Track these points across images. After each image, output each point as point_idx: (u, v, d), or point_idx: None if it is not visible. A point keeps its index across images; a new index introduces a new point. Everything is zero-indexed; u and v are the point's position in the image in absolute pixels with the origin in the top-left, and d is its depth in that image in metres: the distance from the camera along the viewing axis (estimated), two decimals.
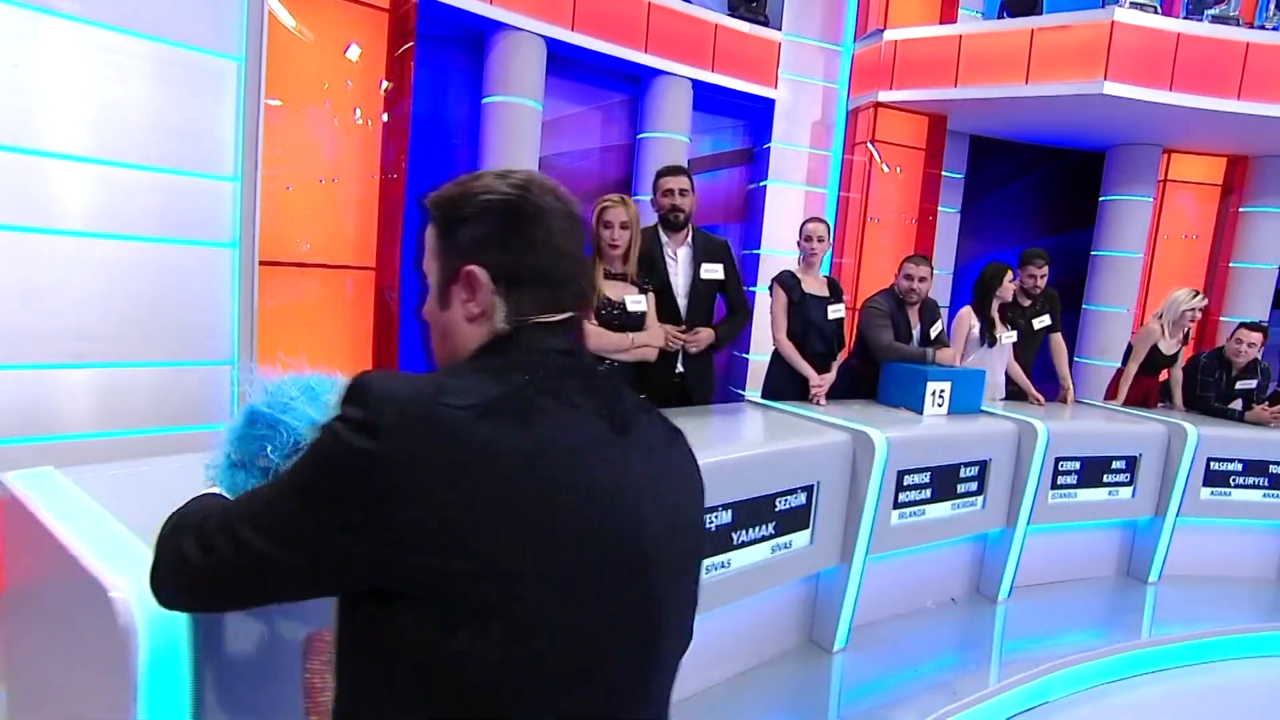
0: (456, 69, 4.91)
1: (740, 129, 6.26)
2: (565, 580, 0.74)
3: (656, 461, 0.87)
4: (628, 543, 0.78)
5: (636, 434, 0.84)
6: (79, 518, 1.23)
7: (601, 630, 0.77)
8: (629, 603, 0.79)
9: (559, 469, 0.75)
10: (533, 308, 0.83)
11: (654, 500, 0.82)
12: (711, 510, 2.12)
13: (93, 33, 3.18)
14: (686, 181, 2.88)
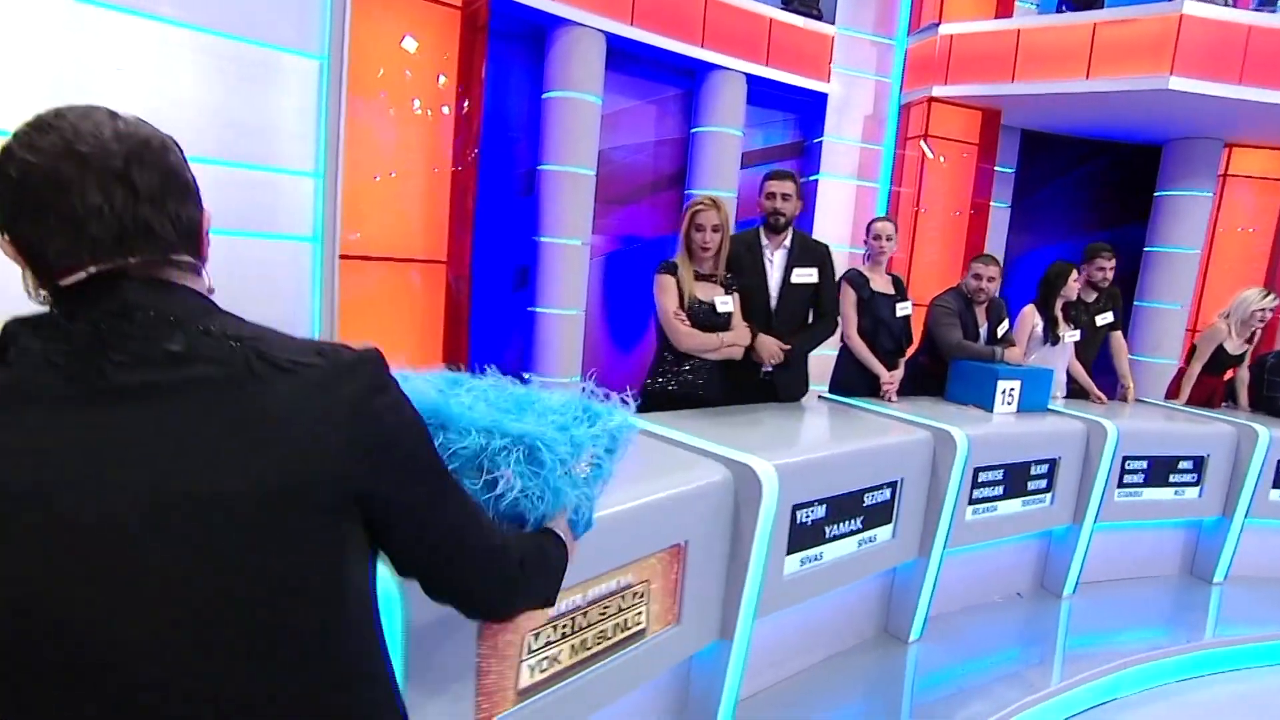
0: (519, 64, 4.99)
1: (792, 123, 6.27)
2: None
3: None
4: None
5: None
6: None
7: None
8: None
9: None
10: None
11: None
12: (807, 505, 2.18)
13: (188, 35, 3.31)
14: (791, 186, 2.92)
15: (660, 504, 1.72)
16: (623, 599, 1.66)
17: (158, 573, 0.66)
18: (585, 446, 1.16)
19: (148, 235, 0.73)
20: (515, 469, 1.02)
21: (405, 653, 1.18)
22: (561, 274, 5.02)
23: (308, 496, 0.72)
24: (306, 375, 0.73)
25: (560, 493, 1.07)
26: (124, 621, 0.65)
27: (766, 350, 2.87)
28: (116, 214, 0.71)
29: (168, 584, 0.66)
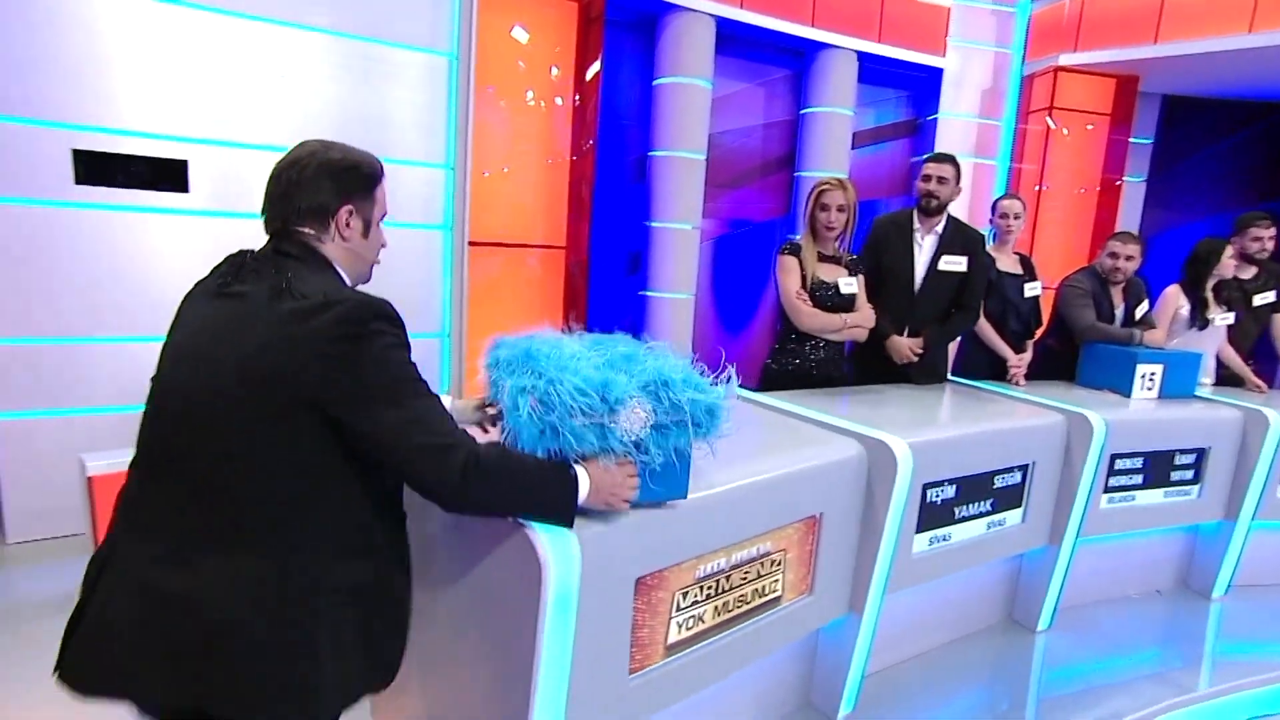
0: (630, 51, 5.08)
1: (904, 100, 6.08)
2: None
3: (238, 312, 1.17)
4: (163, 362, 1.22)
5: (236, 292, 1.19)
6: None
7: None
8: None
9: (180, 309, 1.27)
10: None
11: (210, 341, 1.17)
12: (937, 485, 2.18)
13: (336, 42, 3.59)
14: (950, 170, 2.87)
15: (798, 475, 1.79)
16: (761, 565, 1.74)
17: (206, 384, 1.14)
18: (626, 403, 1.26)
19: (280, 214, 1.25)
20: (526, 409, 1.25)
21: (577, 604, 1.30)
22: (672, 258, 5.10)
23: (270, 382, 1.11)
24: (303, 305, 1.13)
25: (580, 437, 1.25)
26: (194, 402, 1.15)
27: (898, 352, 2.87)
28: (270, 200, 1.26)
29: (206, 390, 1.14)
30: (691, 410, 1.31)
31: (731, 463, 1.71)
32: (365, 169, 1.29)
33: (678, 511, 1.47)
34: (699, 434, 1.35)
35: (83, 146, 3.16)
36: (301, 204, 1.23)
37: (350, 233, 1.27)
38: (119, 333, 3.31)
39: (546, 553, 1.22)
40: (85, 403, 3.28)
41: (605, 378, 1.26)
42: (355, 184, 1.27)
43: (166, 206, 3.35)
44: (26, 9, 2.96)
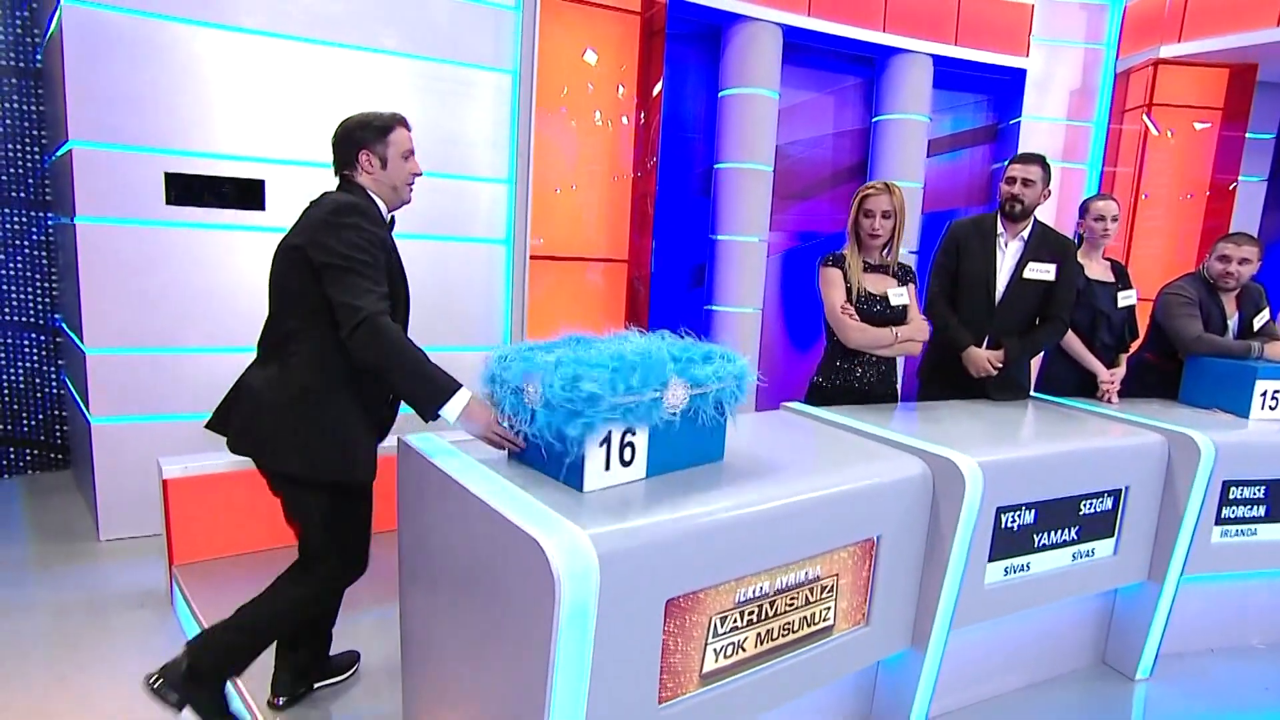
0: (695, 64, 5.04)
1: (984, 104, 5.79)
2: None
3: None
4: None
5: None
6: (490, 484, 1.43)
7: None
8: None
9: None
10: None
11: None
12: (1014, 509, 1.98)
13: (403, 62, 3.70)
14: (1036, 171, 2.67)
15: (853, 494, 1.65)
16: (810, 591, 1.60)
17: (277, 255, 1.82)
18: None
19: (334, 165, 1.93)
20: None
21: (595, 624, 1.21)
22: (738, 272, 4.99)
23: (294, 247, 1.74)
24: (321, 202, 1.81)
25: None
26: (272, 269, 1.85)
27: (976, 364, 2.68)
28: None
29: (274, 259, 1.82)
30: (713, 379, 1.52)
31: (778, 477, 1.60)
32: (375, 121, 1.90)
33: (714, 528, 1.37)
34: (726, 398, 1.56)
35: (174, 170, 3.34)
36: (339, 156, 1.91)
37: (372, 168, 1.88)
38: (205, 343, 3.47)
39: (560, 566, 1.14)
40: (175, 409, 3.44)
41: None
42: (368, 133, 1.88)
43: (246, 224, 3.51)
44: (120, 45, 3.17)
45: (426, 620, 1.63)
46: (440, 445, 1.66)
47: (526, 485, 1.44)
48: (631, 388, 1.38)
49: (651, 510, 1.35)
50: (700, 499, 1.43)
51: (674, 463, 1.56)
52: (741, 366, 1.58)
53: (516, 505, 1.32)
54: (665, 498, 1.42)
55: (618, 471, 1.47)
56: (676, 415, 1.47)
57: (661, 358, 1.44)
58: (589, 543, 1.18)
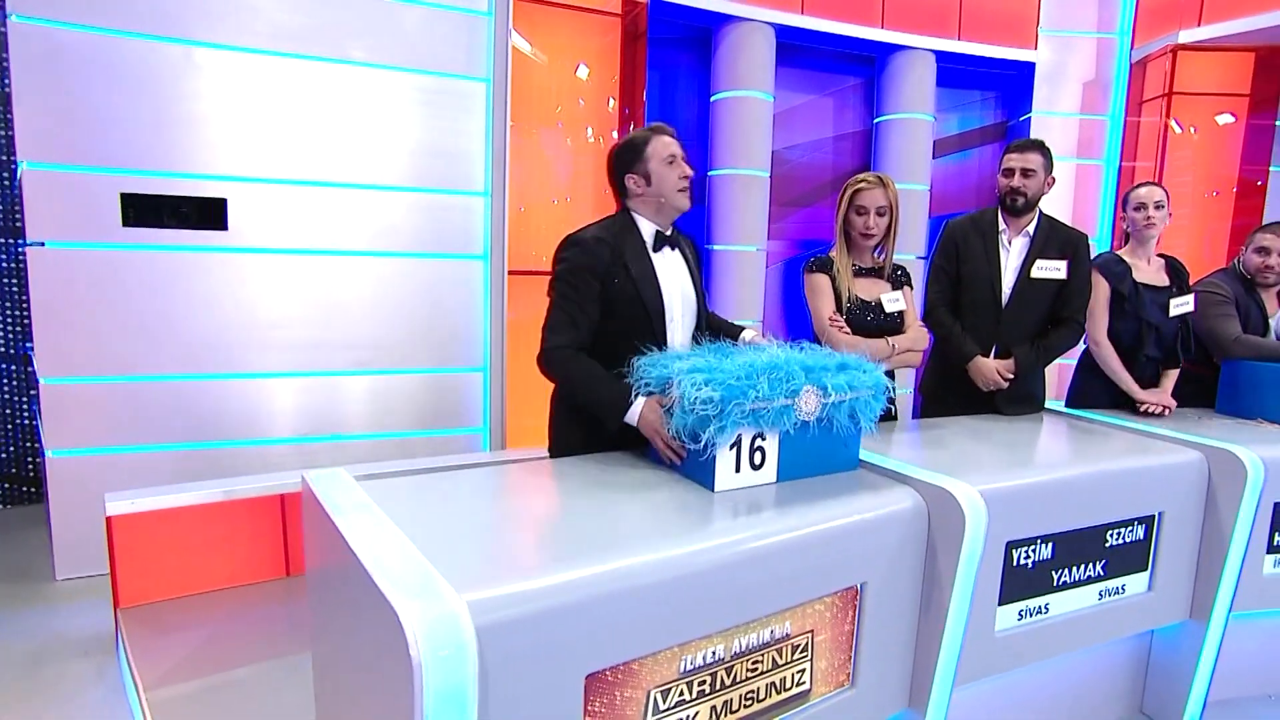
0: (684, 69, 4.84)
1: (992, 101, 5.52)
2: None
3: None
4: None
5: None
6: (372, 531, 1.20)
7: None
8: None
9: None
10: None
11: None
12: (1027, 543, 1.71)
13: (375, 74, 3.53)
14: (1036, 159, 2.41)
15: (830, 535, 1.39)
16: (779, 653, 1.34)
17: None
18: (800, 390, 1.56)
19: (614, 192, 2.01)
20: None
21: (481, 710, 0.96)
22: (736, 283, 4.76)
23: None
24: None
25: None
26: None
27: (984, 376, 2.41)
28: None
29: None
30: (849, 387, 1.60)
31: (734, 517, 1.35)
32: (630, 143, 1.93)
33: (645, 588, 1.12)
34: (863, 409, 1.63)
35: (130, 190, 3.20)
36: (613, 188, 1.99)
37: (640, 188, 1.91)
38: (166, 371, 3.30)
39: (421, 644, 0.89)
40: (135, 440, 3.28)
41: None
42: (626, 156, 1.92)
43: (208, 245, 3.35)
44: (71, 61, 3.03)
45: (327, 679, 1.39)
46: (340, 481, 1.43)
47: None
48: (761, 394, 1.47)
49: (561, 565, 1.10)
50: (628, 548, 1.19)
51: (807, 468, 1.63)
52: (877, 378, 1.64)
53: (390, 558, 1.08)
54: (587, 551, 1.18)
55: (748, 474, 1.54)
56: (811, 422, 1.56)
57: (793, 367, 1.53)
58: (464, 612, 0.94)
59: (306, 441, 3.61)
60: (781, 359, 1.57)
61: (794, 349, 1.69)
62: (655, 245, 1.92)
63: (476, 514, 1.37)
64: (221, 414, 3.47)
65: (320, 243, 3.54)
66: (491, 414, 3.92)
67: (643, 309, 1.86)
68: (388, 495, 1.36)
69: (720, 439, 1.46)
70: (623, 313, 1.85)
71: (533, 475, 1.66)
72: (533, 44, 3.92)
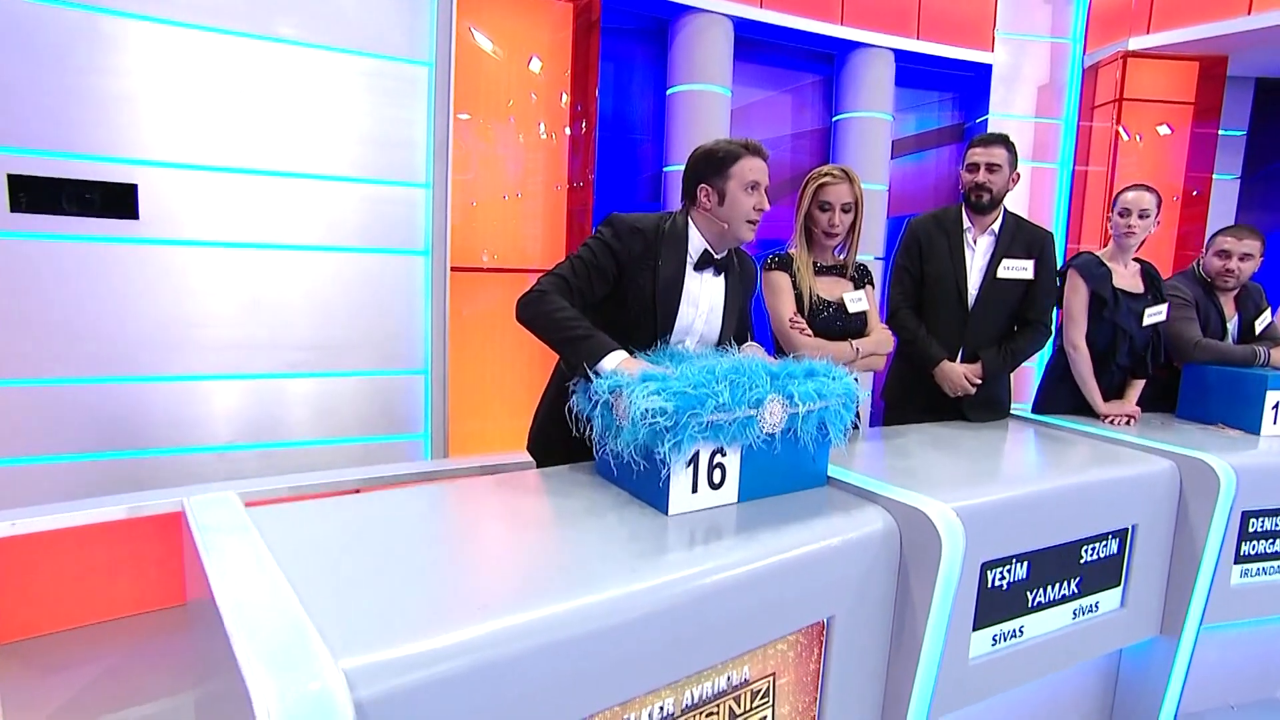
0: (639, 61, 4.68)
1: (949, 103, 5.50)
2: None
3: None
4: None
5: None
6: (245, 572, 1.00)
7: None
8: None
9: None
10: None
11: None
12: (1003, 563, 1.59)
13: (306, 54, 3.26)
14: (1000, 154, 2.31)
15: (795, 565, 1.23)
16: (736, 701, 1.18)
17: None
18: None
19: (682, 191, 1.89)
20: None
21: None
22: None
23: None
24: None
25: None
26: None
27: (951, 381, 2.31)
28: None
29: None
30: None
31: (688, 547, 1.18)
32: (719, 152, 1.78)
33: (576, 639, 0.94)
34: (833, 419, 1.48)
35: (18, 171, 2.87)
36: (683, 188, 1.89)
37: (709, 203, 1.77)
38: (72, 374, 3.00)
39: None
40: (38, 451, 2.97)
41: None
42: (708, 167, 1.78)
43: (115, 235, 3.04)
44: None
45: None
46: (225, 507, 1.21)
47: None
48: (722, 405, 1.32)
49: (473, 617, 0.92)
50: (558, 591, 1.01)
51: (772, 486, 1.48)
52: (847, 385, 1.50)
53: (257, 609, 0.88)
54: (508, 596, 0.99)
55: (706, 495, 1.39)
56: (776, 435, 1.41)
57: (757, 374, 1.39)
58: (340, 686, 0.74)
59: (234, 450, 3.33)
60: (744, 364, 1.41)
61: (757, 354, 1.54)
62: (698, 264, 1.79)
63: (380, 549, 1.17)
64: (140, 421, 3.16)
65: (246, 235, 3.25)
66: (433, 419, 3.68)
67: (652, 317, 1.74)
68: (279, 525, 1.16)
69: (675, 455, 1.30)
70: (631, 312, 1.74)
71: (462, 498, 1.47)
72: (488, 37, 3.71)
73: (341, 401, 3.51)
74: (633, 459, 1.38)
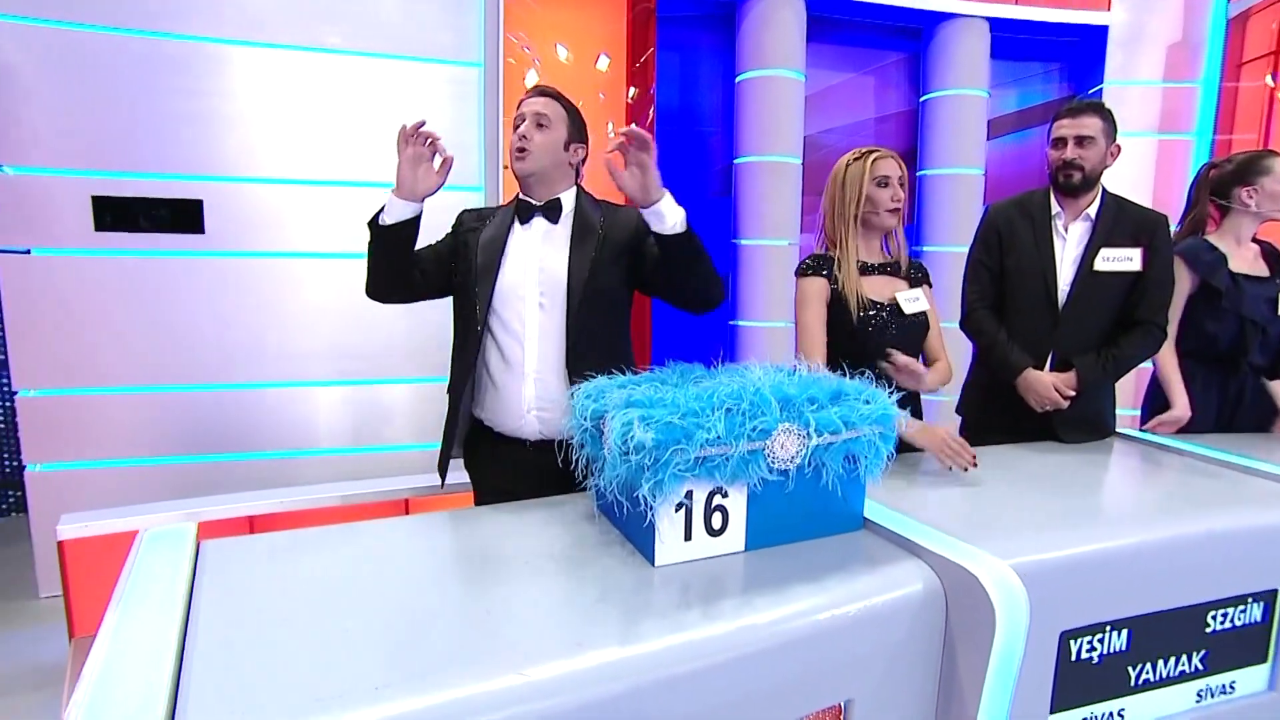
0: (705, 49, 4.44)
1: (1056, 73, 4.92)
2: None
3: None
4: None
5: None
6: (146, 625, 0.88)
7: None
8: None
9: None
10: None
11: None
12: (1091, 631, 1.26)
13: (357, 62, 3.26)
14: (1094, 123, 1.95)
15: (797, 637, 0.99)
16: None
17: None
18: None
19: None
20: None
21: None
22: (766, 281, 4.35)
23: None
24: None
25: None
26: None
27: (1038, 393, 1.95)
28: None
29: None
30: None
31: (671, 612, 0.97)
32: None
33: None
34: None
35: (101, 193, 3.02)
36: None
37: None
38: (144, 381, 3.15)
39: None
40: (117, 454, 3.14)
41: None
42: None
43: (183, 249, 3.15)
44: (38, 59, 2.88)
45: None
46: (173, 542, 1.11)
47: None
48: (716, 436, 1.11)
49: (387, 694, 0.75)
50: (498, 665, 0.82)
51: (789, 531, 1.24)
52: (884, 408, 1.24)
53: (123, 682, 0.75)
54: (436, 672, 0.82)
55: (704, 542, 1.18)
56: (792, 471, 1.17)
57: (764, 397, 1.16)
58: None
59: (290, 456, 3.39)
60: (751, 386, 1.18)
61: (774, 372, 1.29)
62: (522, 219, 1.70)
63: (308, 599, 1.02)
64: (208, 427, 3.28)
65: (304, 245, 3.30)
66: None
67: (472, 278, 1.68)
68: (222, 567, 1.04)
69: (657, 497, 1.09)
70: (464, 280, 1.69)
71: (432, 532, 1.31)
72: (530, 34, 3.60)
73: (390, 409, 3.50)
74: (617, 498, 1.17)
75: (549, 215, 1.69)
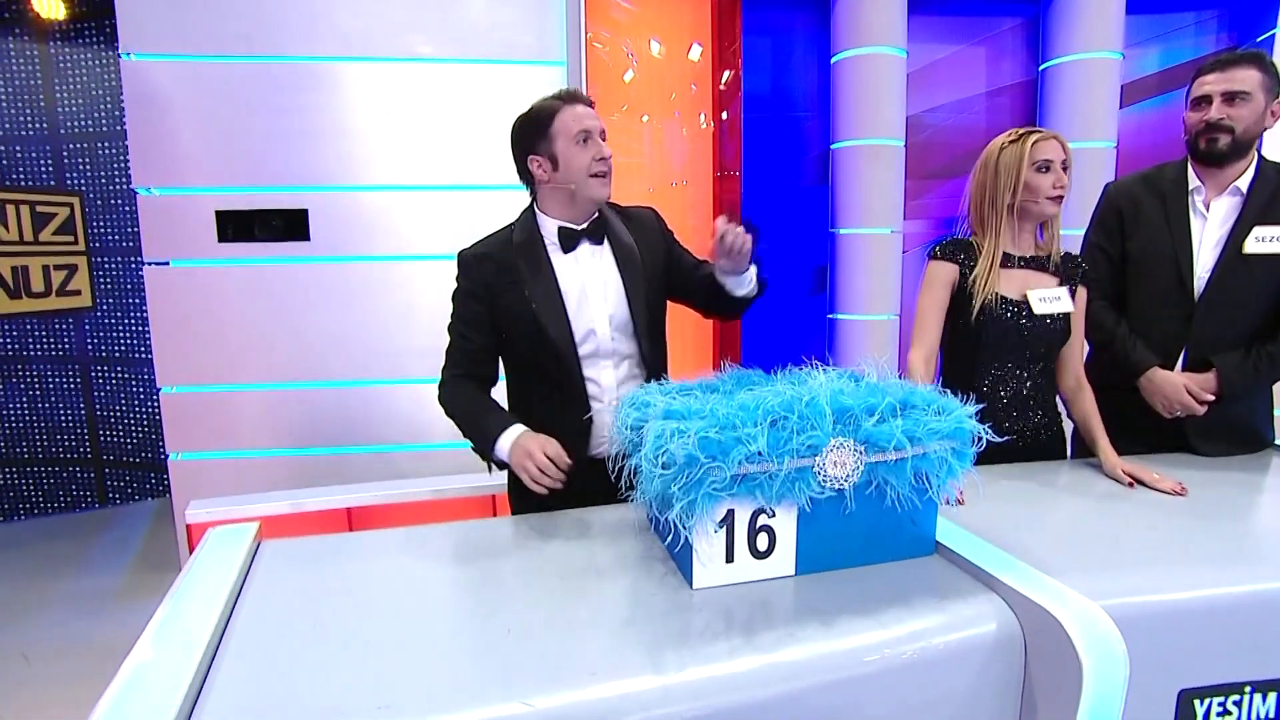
0: (798, 31, 4.25)
1: (1209, 23, 4.34)
2: None
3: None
4: None
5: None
6: (183, 628, 0.91)
7: None
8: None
9: None
10: None
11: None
12: (1230, 690, 1.07)
13: (447, 69, 3.37)
14: (1250, 76, 1.67)
15: (846, 679, 0.90)
16: None
17: None
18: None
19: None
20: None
21: None
22: (867, 272, 4.12)
23: None
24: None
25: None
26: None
27: (1165, 396, 1.72)
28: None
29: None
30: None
31: (700, 643, 0.91)
32: (533, 115, 1.52)
33: None
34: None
35: (222, 207, 3.30)
36: (518, 172, 1.62)
37: (546, 174, 1.52)
38: (264, 379, 3.43)
39: None
40: (247, 445, 3.44)
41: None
42: (528, 134, 1.53)
43: (292, 256, 3.39)
44: (169, 90, 3.19)
45: None
46: (232, 541, 1.16)
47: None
48: (758, 453, 1.02)
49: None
50: (475, 694, 0.79)
51: (847, 556, 1.14)
52: (958, 421, 1.11)
53: (147, 689, 0.77)
54: (420, 705, 0.79)
55: (747, 565, 1.09)
56: (849, 490, 1.08)
57: (818, 408, 1.06)
58: None
59: (398, 450, 3.60)
60: (805, 396, 1.08)
61: (834, 378, 1.19)
62: (564, 247, 1.54)
63: (350, 610, 1.03)
64: (326, 420, 3.54)
65: (400, 248, 3.45)
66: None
67: (543, 333, 1.49)
68: (272, 570, 1.08)
69: (691, 517, 1.02)
70: (524, 342, 1.52)
71: (484, 539, 1.30)
72: (620, 32, 3.58)
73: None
74: (655, 512, 1.12)
75: (593, 237, 1.56)
